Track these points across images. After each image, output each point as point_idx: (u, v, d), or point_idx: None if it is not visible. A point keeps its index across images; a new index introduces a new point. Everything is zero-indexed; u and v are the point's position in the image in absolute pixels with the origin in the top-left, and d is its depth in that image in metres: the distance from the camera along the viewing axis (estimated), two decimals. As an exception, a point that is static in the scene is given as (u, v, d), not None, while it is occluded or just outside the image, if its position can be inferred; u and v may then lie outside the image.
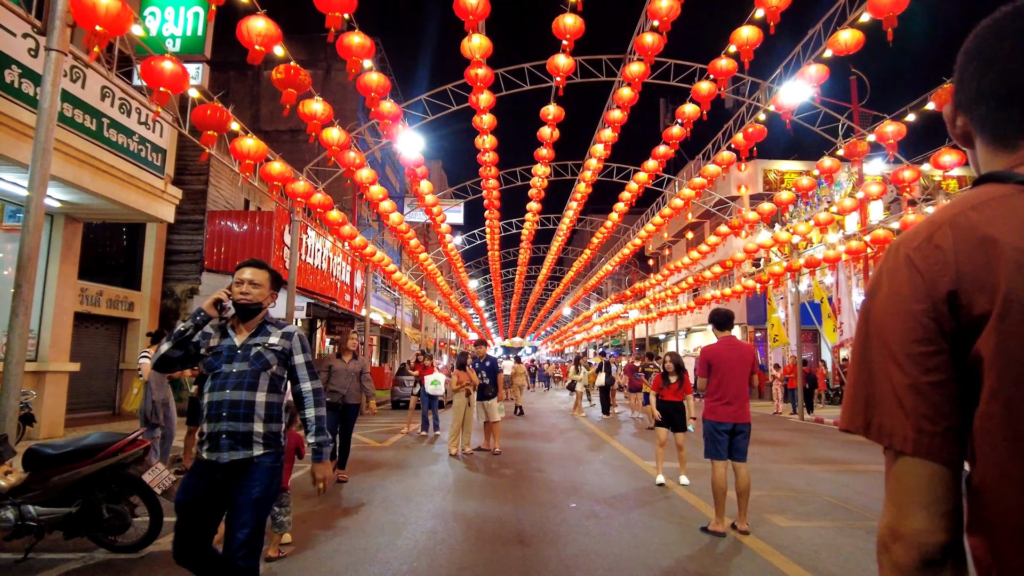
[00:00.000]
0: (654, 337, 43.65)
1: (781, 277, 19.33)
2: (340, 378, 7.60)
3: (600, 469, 8.75)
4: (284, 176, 9.99)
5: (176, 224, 15.64)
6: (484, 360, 10.29)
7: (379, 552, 4.78)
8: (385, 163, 32.15)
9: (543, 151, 14.82)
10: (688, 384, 8.91)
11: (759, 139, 13.08)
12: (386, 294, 30.52)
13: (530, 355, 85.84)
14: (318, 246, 18.79)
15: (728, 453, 5.42)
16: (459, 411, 9.83)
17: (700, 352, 5.51)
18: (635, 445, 11.33)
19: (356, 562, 4.53)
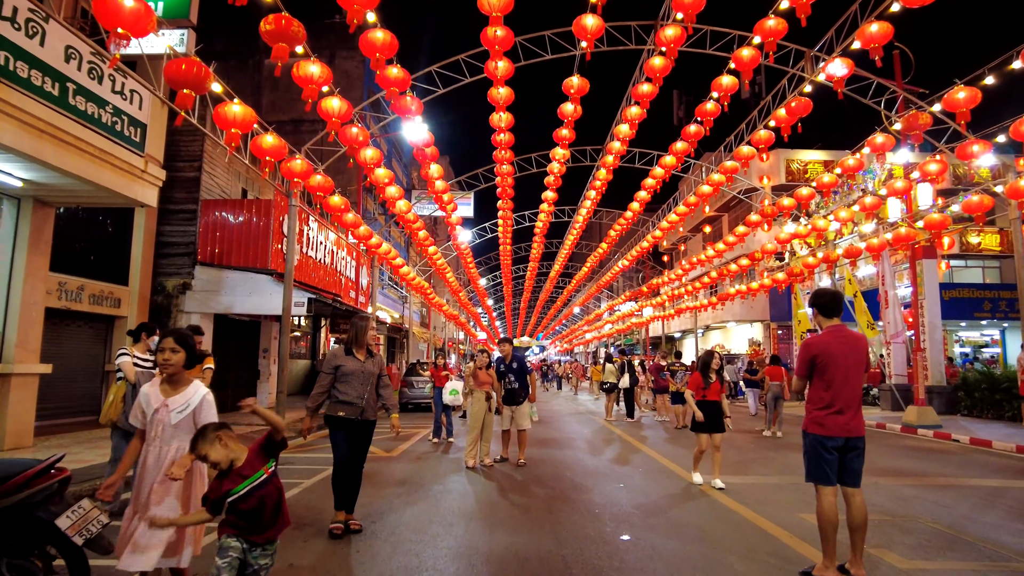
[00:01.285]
0: (669, 335, 42.33)
1: (815, 268, 18.02)
2: (355, 383, 5.29)
3: (643, 485, 7.51)
4: (277, 151, 8.78)
5: (167, 214, 14.54)
6: (510, 361, 9.05)
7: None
8: (391, 156, 31.00)
9: (563, 131, 13.59)
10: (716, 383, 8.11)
11: (803, 113, 11.83)
12: (393, 291, 29.37)
13: (538, 354, 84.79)
14: (320, 239, 17.61)
15: (838, 476, 4.17)
16: (477, 419, 8.62)
17: (802, 346, 4.27)
18: (672, 453, 10.09)
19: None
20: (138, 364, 5.89)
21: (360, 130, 10.24)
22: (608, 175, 17.15)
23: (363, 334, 5.47)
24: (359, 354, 5.44)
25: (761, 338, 30.76)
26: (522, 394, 8.96)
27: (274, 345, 18.67)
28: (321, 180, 10.84)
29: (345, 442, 5.30)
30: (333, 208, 11.95)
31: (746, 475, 8.26)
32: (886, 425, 15.14)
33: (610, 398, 16.47)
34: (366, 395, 5.32)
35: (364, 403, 5.29)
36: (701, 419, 7.65)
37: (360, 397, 5.28)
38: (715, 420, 7.72)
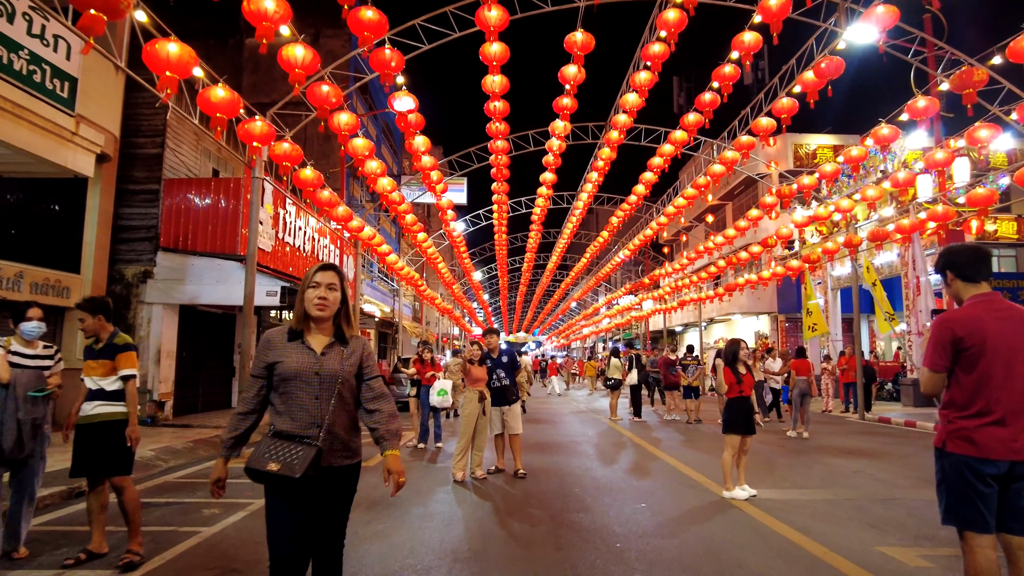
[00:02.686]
0: (671, 329, 41.03)
1: (835, 254, 16.71)
2: (303, 397, 2.70)
3: (669, 504, 6.16)
4: (228, 106, 7.36)
5: (126, 194, 13.12)
6: (499, 355, 7.72)
7: None
8: (381, 142, 29.57)
9: (564, 100, 12.21)
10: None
11: (835, 75, 10.48)
12: (384, 284, 27.97)
13: (534, 350, 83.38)
14: (299, 224, 16.20)
15: (998, 518, 2.79)
16: (469, 422, 7.27)
17: (937, 324, 2.90)
18: (693, 459, 8.75)
19: None
20: (17, 363, 4.52)
21: (332, 88, 8.85)
22: (612, 153, 15.78)
23: (325, 297, 2.74)
24: (315, 337, 2.78)
25: (768, 331, 29.48)
26: (514, 392, 7.63)
27: (248, 340, 17.26)
28: (288, 149, 9.45)
29: (289, 520, 2.65)
30: (304, 183, 10.56)
31: (785, 488, 6.93)
32: (916, 423, 13.86)
33: (615, 395, 15.14)
34: (326, 420, 2.67)
35: (322, 437, 2.64)
36: (763, 416, 6.37)
37: (313, 424, 2.66)
38: (749, 419, 6.48)
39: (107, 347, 4.49)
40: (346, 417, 2.77)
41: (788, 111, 11.94)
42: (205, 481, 7.13)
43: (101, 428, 4.32)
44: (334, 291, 2.76)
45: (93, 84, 10.24)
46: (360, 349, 2.86)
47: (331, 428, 2.68)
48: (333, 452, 2.70)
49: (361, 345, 2.87)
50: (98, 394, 4.38)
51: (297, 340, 2.75)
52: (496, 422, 7.61)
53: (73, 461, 4.36)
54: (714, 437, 11.53)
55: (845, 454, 9.47)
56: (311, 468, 2.55)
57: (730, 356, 6.62)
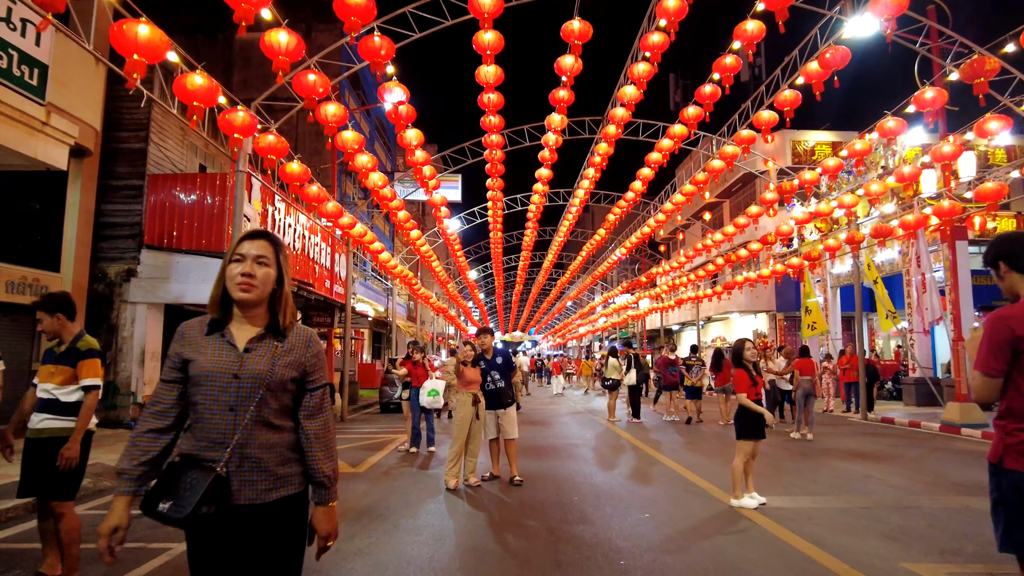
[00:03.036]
0: (667, 328, 40.73)
1: (836, 251, 16.39)
2: (214, 407, 1.98)
3: (674, 514, 5.81)
4: (206, 94, 6.97)
5: (108, 190, 12.70)
6: (493, 356, 7.35)
7: None
8: (374, 139, 29.15)
9: (561, 92, 11.86)
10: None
11: (840, 65, 10.17)
12: (378, 283, 27.56)
13: (530, 350, 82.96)
14: (289, 222, 15.79)
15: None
16: (463, 427, 6.90)
17: (992, 320, 2.51)
18: (696, 463, 8.39)
19: None
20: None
21: (319, 77, 8.47)
22: (609, 149, 15.41)
23: (250, 274, 2.04)
24: (240, 327, 2.09)
25: (766, 329, 29.19)
26: (509, 395, 7.26)
27: (240, 340, 16.87)
28: (274, 141, 9.05)
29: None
30: (291, 177, 10.17)
31: (794, 494, 6.58)
32: (921, 423, 13.55)
33: (612, 396, 14.78)
34: (236, 438, 1.96)
35: (228, 460, 1.95)
36: (772, 419, 6.03)
37: (220, 443, 1.96)
38: (761, 423, 6.13)
39: (69, 351, 3.87)
40: (271, 435, 2.01)
41: (791, 103, 11.60)
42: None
43: (46, 445, 3.76)
44: (264, 266, 2.05)
45: (69, 74, 9.82)
46: (302, 345, 2.11)
47: (244, 449, 1.95)
48: (248, 483, 1.95)
49: (305, 340, 2.13)
50: (50, 405, 3.81)
51: (216, 332, 2.04)
52: (491, 426, 7.24)
53: (21, 478, 3.89)
54: (715, 439, 11.20)
55: (852, 457, 9.14)
56: (205, 504, 1.86)
57: (736, 357, 6.27)
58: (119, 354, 12.37)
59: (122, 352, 12.39)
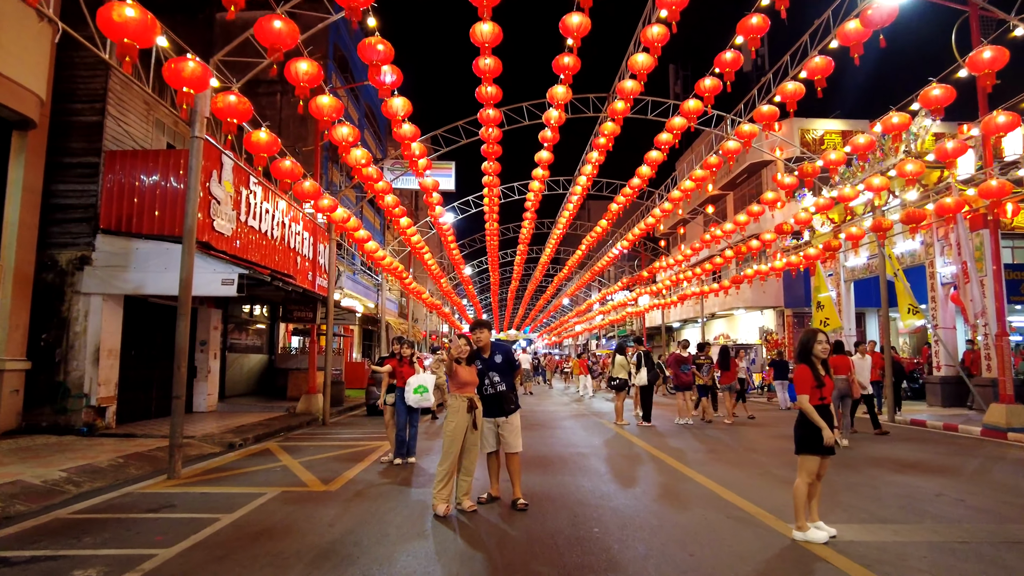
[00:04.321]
0: (668, 325, 39.54)
1: (859, 240, 15.18)
2: None
3: (723, 554, 4.53)
4: (139, 29, 5.64)
5: (59, 168, 11.34)
6: (491, 354, 6.06)
7: None
8: (363, 126, 27.80)
9: (566, 59, 10.59)
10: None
11: (886, 23, 8.95)
12: (368, 278, 26.23)
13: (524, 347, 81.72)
14: (267, 207, 14.47)
15: None
16: (455, 438, 5.61)
17: None
18: (731, 479, 7.13)
19: None
20: None
21: (286, 24, 7.16)
22: (616, 128, 14.14)
23: None
24: None
25: (773, 326, 28.01)
26: (512, 400, 5.97)
27: (214, 336, 15.55)
28: (235, 102, 7.74)
29: None
30: (257, 147, 8.84)
31: (864, 520, 5.33)
32: (958, 427, 12.36)
33: (620, 397, 13.52)
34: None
35: None
36: (831, 439, 4.79)
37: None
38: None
39: None
40: None
41: (823, 71, 10.40)
42: (112, 517, 5.44)
43: None
44: None
45: (9, 36, 8.55)
46: None
47: None
48: None
49: None
50: None
51: None
52: (489, 438, 5.96)
53: None
54: (740, 445, 9.95)
55: (905, 469, 7.90)
56: None
57: (803, 351, 5.01)
58: (70, 351, 11.02)
59: (74, 349, 11.05)
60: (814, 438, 4.82)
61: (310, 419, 14.05)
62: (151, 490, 6.66)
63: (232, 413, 14.79)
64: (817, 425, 4.81)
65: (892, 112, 10.93)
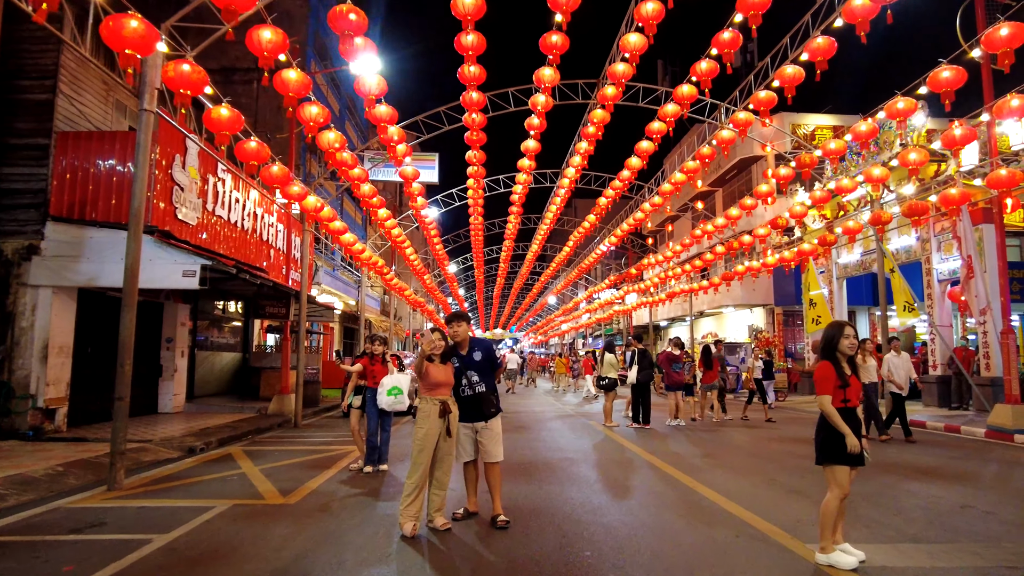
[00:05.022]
0: (656, 324, 39.03)
1: (857, 234, 14.65)
2: None
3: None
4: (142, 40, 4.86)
5: (4, 150, 10.49)
6: (469, 350, 5.35)
7: None
8: (344, 117, 26.95)
9: (554, 37, 9.92)
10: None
11: (871, 15, 8.50)
12: (349, 275, 25.37)
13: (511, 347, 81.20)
14: (236, 196, 13.65)
15: None
16: (427, 444, 4.89)
17: None
18: (735, 489, 6.47)
19: None
20: None
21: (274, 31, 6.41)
22: (606, 115, 13.47)
23: None
24: None
25: (763, 324, 27.53)
26: (492, 403, 5.26)
27: (181, 333, 14.70)
28: (189, 71, 6.97)
29: None
30: (217, 124, 8.05)
31: (892, 539, 4.69)
32: (960, 428, 11.83)
33: (609, 398, 12.87)
34: None
35: None
36: (856, 446, 4.14)
37: None
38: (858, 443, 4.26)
39: None
40: None
41: (825, 51, 9.82)
42: (24, 540, 4.66)
43: None
44: None
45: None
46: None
47: None
48: None
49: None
50: None
51: None
52: (466, 446, 5.25)
53: None
54: (738, 449, 9.31)
55: (918, 475, 7.29)
56: None
57: (827, 346, 4.35)
58: (15, 349, 10.16)
59: (19, 346, 10.18)
60: (838, 445, 4.17)
61: (282, 421, 13.27)
62: (83, 504, 5.88)
63: (200, 414, 13.96)
64: (840, 431, 4.15)
65: (897, 97, 10.35)
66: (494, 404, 5.23)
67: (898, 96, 10.40)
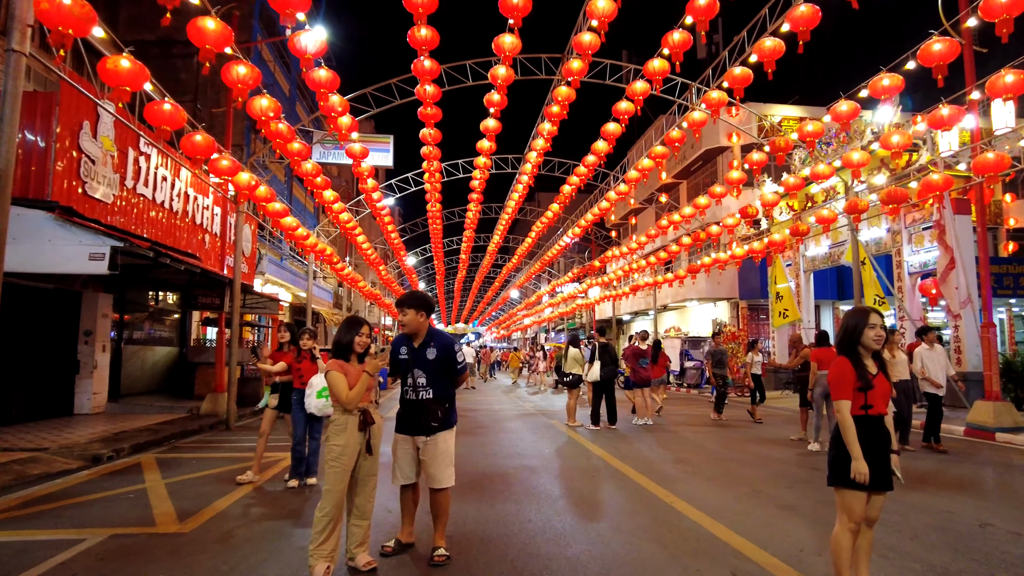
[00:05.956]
0: (619, 318, 38.44)
1: (831, 223, 14.06)
2: None
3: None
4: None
5: None
6: (422, 344, 4.26)
7: None
8: (295, 99, 25.45)
9: None
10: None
11: None
12: (299, 265, 23.95)
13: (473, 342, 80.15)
14: (164, 173, 12.30)
15: None
16: (342, 465, 3.84)
17: None
18: (715, 502, 5.59)
19: None
20: None
21: None
22: (571, 92, 12.53)
23: None
24: None
25: (728, 318, 27.07)
26: (438, 414, 4.16)
27: (102, 325, 13.25)
28: (70, 5, 5.72)
29: None
30: (115, 77, 6.79)
31: (914, 569, 3.83)
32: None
33: (573, 395, 11.96)
34: None
35: None
36: (865, 472, 3.26)
37: None
38: (882, 460, 3.36)
39: None
40: None
41: (807, 21, 9.01)
42: None
43: None
44: None
45: None
46: None
47: None
48: None
49: None
50: None
51: None
52: (404, 464, 4.20)
53: None
54: (713, 455, 8.48)
55: (918, 485, 6.55)
56: None
57: (847, 338, 3.45)
58: None
59: None
60: (859, 469, 3.27)
61: (215, 421, 12.01)
62: (-84, 538, 4.66)
63: (123, 415, 12.59)
64: (849, 452, 3.27)
65: (883, 73, 9.65)
66: (440, 416, 4.15)
67: (882, 73, 9.70)
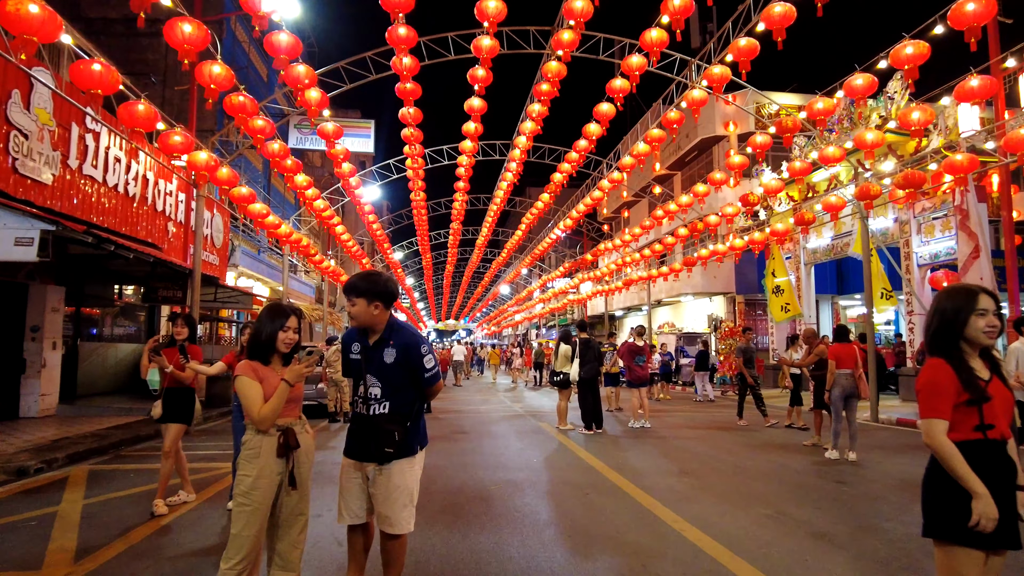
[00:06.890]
0: (611, 313, 37.57)
1: (840, 210, 13.18)
2: None
3: None
4: None
5: None
6: (378, 342, 3.15)
7: None
8: (274, 84, 24.33)
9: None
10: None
11: None
12: (278, 258, 22.89)
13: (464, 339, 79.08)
14: (118, 154, 11.25)
15: None
16: (258, 501, 2.86)
17: None
18: (732, 529, 4.67)
19: None
20: None
21: None
22: (562, 67, 11.58)
23: None
24: None
25: (723, 313, 26.24)
26: (394, 432, 3.06)
27: (52, 320, 12.17)
28: None
29: None
30: (27, 25, 5.77)
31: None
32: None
33: (564, 396, 11.01)
34: None
35: None
36: (993, 516, 2.28)
37: None
38: (1008, 506, 2.30)
39: None
40: None
41: None
42: None
43: None
44: None
45: None
46: None
47: None
48: None
49: None
50: None
51: None
52: (351, 498, 3.16)
53: None
54: (721, 465, 7.55)
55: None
56: None
57: (945, 330, 2.48)
58: None
59: None
60: (962, 512, 2.30)
61: (173, 426, 10.97)
62: None
63: (74, 419, 11.53)
64: (968, 487, 2.30)
65: (906, 41, 8.74)
66: (394, 440, 3.05)
67: (905, 40, 8.79)
